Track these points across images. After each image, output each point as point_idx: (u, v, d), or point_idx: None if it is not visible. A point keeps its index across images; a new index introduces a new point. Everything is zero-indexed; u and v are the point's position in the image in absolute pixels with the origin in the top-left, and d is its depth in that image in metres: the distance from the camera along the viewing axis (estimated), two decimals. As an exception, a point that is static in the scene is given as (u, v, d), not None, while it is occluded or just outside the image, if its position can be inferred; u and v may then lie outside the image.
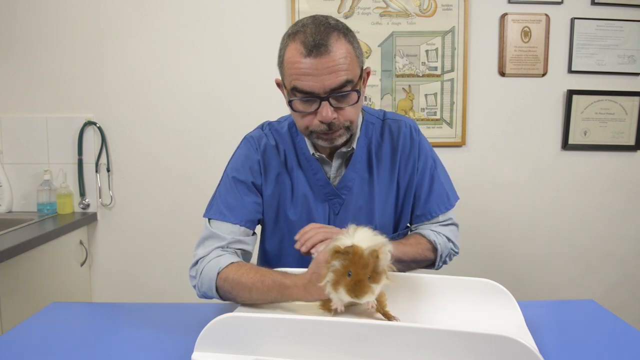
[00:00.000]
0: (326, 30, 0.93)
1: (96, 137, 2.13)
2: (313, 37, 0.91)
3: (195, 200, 2.14)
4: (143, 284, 2.19)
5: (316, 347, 0.70)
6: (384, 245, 0.79)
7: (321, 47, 0.91)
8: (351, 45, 0.96)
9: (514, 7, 2.09)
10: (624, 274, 2.24)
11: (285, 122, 1.14)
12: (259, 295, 0.92)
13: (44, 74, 2.10)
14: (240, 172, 1.09)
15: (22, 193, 2.13)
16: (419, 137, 1.14)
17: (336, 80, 0.92)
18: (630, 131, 2.16)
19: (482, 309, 0.90)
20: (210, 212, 1.09)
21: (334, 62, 0.91)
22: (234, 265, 0.98)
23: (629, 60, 2.13)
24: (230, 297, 0.98)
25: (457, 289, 0.95)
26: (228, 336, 0.72)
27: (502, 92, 2.13)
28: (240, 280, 0.94)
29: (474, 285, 0.94)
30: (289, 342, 0.71)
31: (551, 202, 2.20)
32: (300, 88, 0.94)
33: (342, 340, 0.69)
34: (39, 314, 1.02)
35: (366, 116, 1.14)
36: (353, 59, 0.95)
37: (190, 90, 2.11)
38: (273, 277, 0.91)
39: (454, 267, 1.24)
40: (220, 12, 2.08)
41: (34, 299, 1.72)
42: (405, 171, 1.12)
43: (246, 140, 1.13)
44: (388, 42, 2.09)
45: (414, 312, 0.91)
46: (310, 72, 0.91)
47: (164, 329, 0.94)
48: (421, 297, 0.95)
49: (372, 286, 0.75)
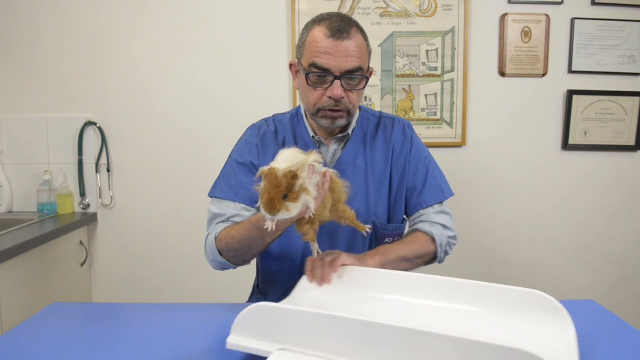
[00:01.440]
0: (349, 22, 1.07)
1: (96, 137, 2.13)
2: (338, 24, 1.05)
3: (195, 200, 2.14)
4: (143, 284, 2.20)
5: (341, 343, 0.72)
6: (302, 164, 0.82)
7: (344, 33, 1.04)
8: (365, 41, 1.09)
9: (514, 7, 2.09)
10: (624, 274, 2.24)
11: (288, 113, 1.25)
12: (244, 239, 1.01)
13: (44, 74, 2.10)
14: (241, 155, 1.18)
15: (22, 193, 2.13)
16: (411, 133, 1.23)
17: (351, 64, 1.04)
18: (630, 131, 2.16)
19: (531, 321, 0.85)
20: (213, 191, 1.19)
21: (351, 48, 1.04)
22: (226, 227, 1.09)
23: (629, 60, 2.13)
24: (231, 256, 1.07)
25: (507, 298, 0.89)
26: (258, 324, 0.77)
27: (502, 92, 2.13)
28: (229, 234, 1.05)
29: (524, 296, 0.88)
30: (314, 335, 0.73)
31: (551, 202, 2.20)
32: (319, 64, 1.04)
33: (364, 340, 0.70)
34: (39, 314, 1.02)
35: (363, 113, 1.24)
36: (365, 53, 1.09)
37: (190, 90, 2.11)
38: (250, 219, 1.01)
39: (454, 266, 1.24)
40: (220, 12, 2.08)
41: (34, 299, 1.72)
42: (398, 163, 1.19)
43: (249, 128, 1.25)
44: (388, 42, 2.09)
45: (453, 319, 0.88)
46: (331, 52, 1.03)
47: (164, 329, 0.94)
48: (463, 304, 0.91)
49: (287, 204, 0.80)
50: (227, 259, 1.09)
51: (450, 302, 0.92)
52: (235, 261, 1.09)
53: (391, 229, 1.18)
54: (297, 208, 0.82)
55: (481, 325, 0.86)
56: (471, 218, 2.17)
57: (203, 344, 0.88)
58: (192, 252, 2.17)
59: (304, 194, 0.82)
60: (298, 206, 0.82)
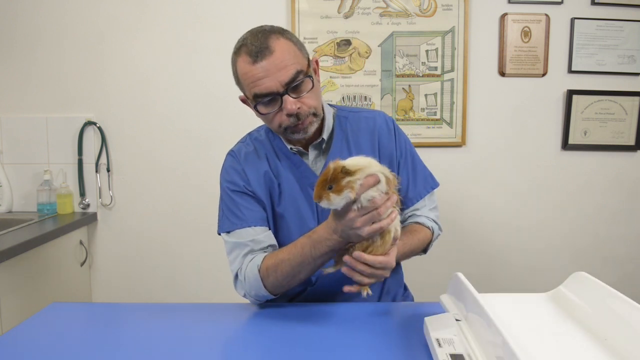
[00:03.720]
0: (263, 36, 1.01)
1: (96, 137, 2.13)
2: (254, 45, 1.00)
3: (195, 200, 2.14)
4: (143, 284, 2.20)
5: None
6: (365, 167, 0.85)
7: (264, 50, 0.99)
8: (290, 41, 1.04)
9: (514, 7, 2.09)
10: (624, 274, 2.24)
11: (262, 130, 1.22)
12: (297, 258, 0.98)
13: (44, 74, 2.10)
14: (233, 183, 1.14)
15: (22, 193, 2.13)
16: (394, 126, 1.21)
17: (287, 74, 1.00)
18: (630, 131, 2.16)
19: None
20: (221, 226, 1.14)
21: (279, 59, 0.99)
22: (268, 255, 1.05)
23: (629, 60, 2.13)
24: (278, 283, 1.02)
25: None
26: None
27: (502, 92, 2.13)
28: (277, 257, 1.02)
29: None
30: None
31: (551, 202, 2.20)
32: (260, 92, 1.01)
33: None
34: (39, 314, 1.02)
35: (338, 112, 1.20)
36: (296, 52, 1.03)
37: (190, 90, 2.11)
38: (302, 238, 1.00)
39: (454, 266, 1.24)
40: (220, 12, 2.08)
41: (34, 299, 1.72)
42: (384, 157, 1.17)
43: (228, 155, 1.20)
44: (388, 42, 2.09)
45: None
46: (263, 75, 1.00)
47: (163, 329, 0.94)
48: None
49: (330, 194, 0.84)
50: (270, 288, 1.03)
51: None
52: (280, 289, 1.04)
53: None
54: (338, 200, 0.85)
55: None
56: (471, 218, 2.17)
57: (203, 344, 0.88)
58: (192, 252, 2.18)
59: (347, 191, 0.84)
60: (339, 199, 0.84)
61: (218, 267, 2.13)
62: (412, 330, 0.91)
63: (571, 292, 0.88)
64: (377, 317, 1.00)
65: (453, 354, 0.72)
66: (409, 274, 1.36)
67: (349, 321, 0.98)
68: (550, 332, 0.78)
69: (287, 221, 1.12)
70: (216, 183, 1.18)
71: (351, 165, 0.85)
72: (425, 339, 0.83)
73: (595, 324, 0.78)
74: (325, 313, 1.02)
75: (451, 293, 0.90)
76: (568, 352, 0.72)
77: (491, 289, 2.20)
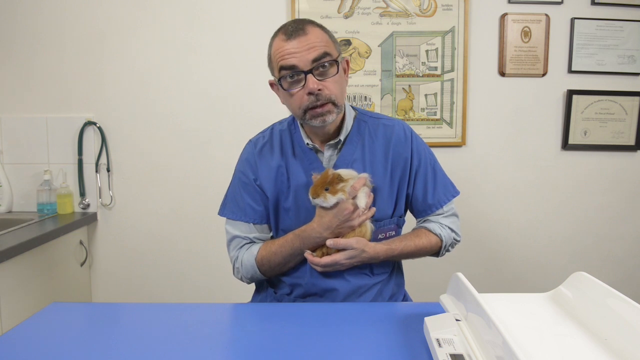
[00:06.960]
0: (302, 21, 1.09)
1: (96, 137, 2.13)
2: (292, 26, 1.07)
3: (195, 200, 2.14)
4: (143, 284, 2.20)
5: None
6: (355, 177, 1.09)
7: (299, 31, 1.06)
8: (326, 33, 1.10)
9: (514, 7, 2.09)
10: (624, 274, 2.24)
11: (285, 121, 1.25)
12: (287, 251, 1.13)
13: (44, 74, 2.10)
14: (244, 173, 1.21)
15: (22, 193, 2.13)
16: (412, 135, 1.22)
17: (315, 53, 1.05)
18: (630, 131, 2.16)
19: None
20: (223, 210, 1.24)
21: (311, 41, 1.06)
22: (262, 246, 1.19)
23: (629, 60, 2.13)
24: (271, 270, 1.18)
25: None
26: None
27: (502, 92, 2.13)
28: (270, 250, 1.15)
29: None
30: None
31: (551, 202, 2.20)
32: (285, 65, 1.06)
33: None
34: (39, 314, 1.02)
35: (358, 115, 1.22)
36: (328, 41, 1.09)
37: (190, 90, 2.11)
38: (292, 233, 1.14)
39: (454, 266, 1.24)
40: (220, 12, 2.08)
41: (34, 299, 1.72)
42: (398, 165, 1.18)
43: (247, 145, 1.26)
44: (388, 42, 2.09)
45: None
46: (293, 51, 1.05)
47: (164, 329, 0.94)
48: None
49: (326, 194, 1.05)
50: (264, 273, 1.19)
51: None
52: (272, 274, 1.19)
53: (384, 226, 1.19)
54: (332, 199, 1.06)
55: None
56: (471, 218, 2.17)
57: (203, 344, 0.88)
58: (192, 252, 2.18)
59: (340, 193, 1.06)
60: (333, 198, 1.06)
61: (218, 267, 2.13)
62: (412, 330, 0.91)
63: (571, 292, 0.88)
64: (377, 317, 1.00)
65: (453, 354, 0.72)
66: (409, 274, 1.36)
67: (349, 321, 0.98)
68: (550, 332, 0.78)
69: (291, 214, 1.17)
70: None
71: (344, 174, 1.07)
72: (425, 339, 0.83)
73: (595, 324, 0.78)
74: (325, 313, 1.02)
75: (451, 293, 0.90)
76: (568, 352, 0.72)
77: (491, 289, 2.22)
